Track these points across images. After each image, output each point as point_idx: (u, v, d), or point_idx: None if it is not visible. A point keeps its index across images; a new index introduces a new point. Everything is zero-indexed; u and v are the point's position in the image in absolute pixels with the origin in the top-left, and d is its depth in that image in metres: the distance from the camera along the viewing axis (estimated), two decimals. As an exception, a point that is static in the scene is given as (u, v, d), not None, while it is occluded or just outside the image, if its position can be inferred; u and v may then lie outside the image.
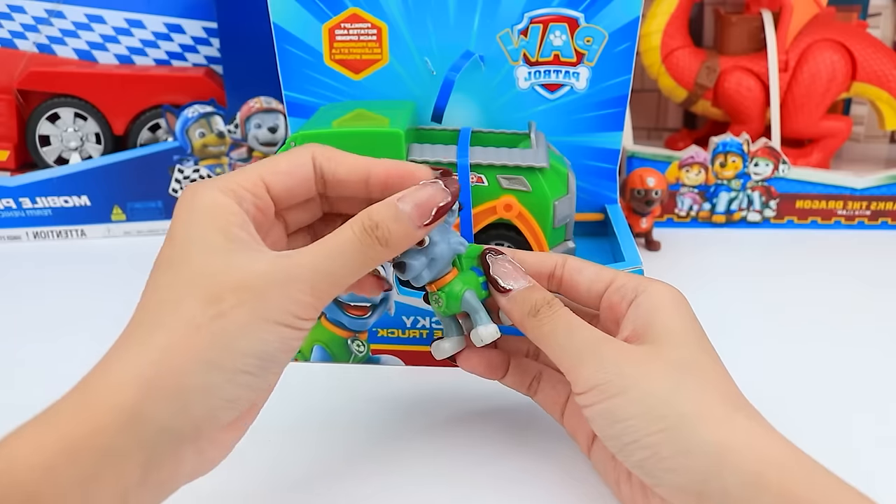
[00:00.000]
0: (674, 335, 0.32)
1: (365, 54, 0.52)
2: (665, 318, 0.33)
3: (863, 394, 0.44)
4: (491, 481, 0.36)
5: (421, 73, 0.53)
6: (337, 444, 0.39)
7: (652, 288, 0.34)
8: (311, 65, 0.53)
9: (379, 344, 0.46)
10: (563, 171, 0.48)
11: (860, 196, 0.69)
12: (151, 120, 0.73)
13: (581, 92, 0.53)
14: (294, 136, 0.44)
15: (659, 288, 0.34)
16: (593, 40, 0.51)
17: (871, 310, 0.54)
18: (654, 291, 0.34)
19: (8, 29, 0.70)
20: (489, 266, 0.35)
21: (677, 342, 0.32)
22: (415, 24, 0.51)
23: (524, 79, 0.53)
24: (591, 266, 0.37)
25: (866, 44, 0.71)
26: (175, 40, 0.73)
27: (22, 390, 0.43)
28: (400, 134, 0.44)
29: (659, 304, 0.34)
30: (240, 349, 0.27)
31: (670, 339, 0.32)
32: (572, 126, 0.54)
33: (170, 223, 0.30)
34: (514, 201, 0.45)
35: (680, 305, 0.34)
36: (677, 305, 0.34)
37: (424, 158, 0.45)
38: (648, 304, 0.34)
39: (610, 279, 0.36)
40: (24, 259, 0.66)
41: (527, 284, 0.34)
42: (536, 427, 0.40)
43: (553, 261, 0.37)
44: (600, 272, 0.36)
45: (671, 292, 0.34)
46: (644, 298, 0.34)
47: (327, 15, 0.51)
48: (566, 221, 0.48)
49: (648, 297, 0.34)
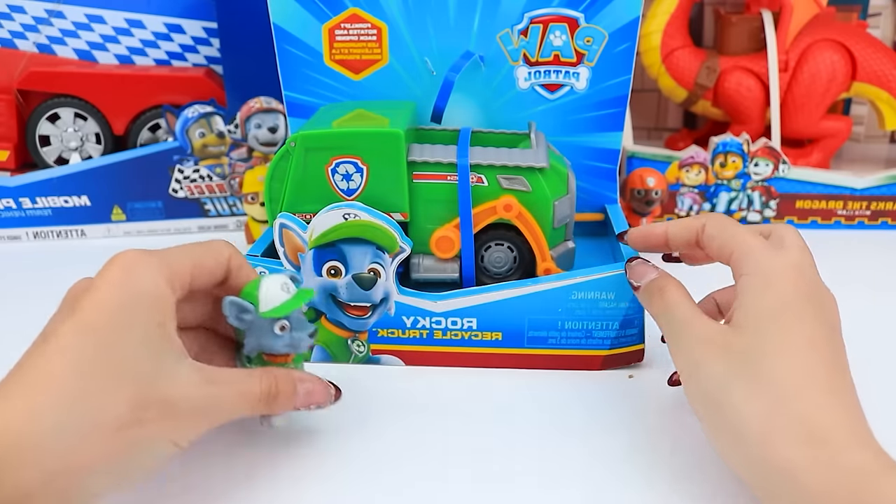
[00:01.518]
0: (750, 319, 0.34)
1: (365, 54, 0.52)
2: (750, 300, 0.34)
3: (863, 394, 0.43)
4: (491, 481, 0.36)
5: (421, 74, 0.53)
6: (336, 444, 0.39)
7: (752, 268, 0.35)
8: (311, 65, 0.53)
9: (379, 344, 0.46)
10: (563, 171, 0.48)
11: (860, 196, 0.69)
12: (151, 120, 0.73)
13: (581, 92, 0.53)
14: (294, 136, 0.45)
15: (760, 267, 0.35)
16: (593, 40, 0.51)
17: (872, 310, 0.54)
18: (753, 272, 0.35)
19: (8, 29, 0.70)
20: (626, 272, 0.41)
21: (749, 327, 0.33)
22: (415, 25, 0.51)
23: (524, 79, 0.53)
24: (720, 235, 0.37)
25: (866, 44, 0.71)
26: (175, 40, 0.73)
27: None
28: (399, 134, 0.44)
29: (749, 285, 0.34)
30: (142, 464, 0.29)
31: (743, 324, 0.34)
32: (572, 126, 0.54)
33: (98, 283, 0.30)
34: (513, 201, 0.45)
35: (776, 284, 0.34)
36: (771, 285, 0.34)
37: (424, 159, 0.45)
38: (742, 286, 0.35)
39: (729, 253, 0.36)
40: (24, 259, 0.66)
41: (653, 277, 0.39)
42: (536, 426, 0.40)
43: (695, 229, 0.39)
44: (724, 244, 0.37)
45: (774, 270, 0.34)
46: (744, 280, 0.35)
47: (327, 15, 0.51)
48: (566, 221, 0.48)
49: (747, 280, 0.35)
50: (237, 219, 0.72)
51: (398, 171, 0.45)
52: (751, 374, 0.32)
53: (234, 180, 0.70)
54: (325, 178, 0.45)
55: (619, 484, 0.36)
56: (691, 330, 0.35)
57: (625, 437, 0.39)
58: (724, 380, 0.33)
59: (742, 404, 0.32)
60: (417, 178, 0.46)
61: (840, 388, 0.32)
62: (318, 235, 0.43)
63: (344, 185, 0.45)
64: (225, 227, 0.72)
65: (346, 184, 0.45)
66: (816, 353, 0.32)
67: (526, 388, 0.44)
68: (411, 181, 0.46)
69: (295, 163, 0.45)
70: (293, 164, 0.45)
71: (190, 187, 0.70)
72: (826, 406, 0.31)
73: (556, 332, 0.45)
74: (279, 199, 0.46)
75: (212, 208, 0.72)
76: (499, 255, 0.47)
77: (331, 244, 0.44)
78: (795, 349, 0.32)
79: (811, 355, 0.32)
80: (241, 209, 0.72)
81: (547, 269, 0.46)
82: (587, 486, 0.36)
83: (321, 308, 0.45)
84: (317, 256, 0.44)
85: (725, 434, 0.33)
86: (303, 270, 0.44)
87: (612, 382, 0.45)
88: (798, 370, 0.32)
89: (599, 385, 0.44)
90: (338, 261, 0.44)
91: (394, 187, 0.45)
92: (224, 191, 0.71)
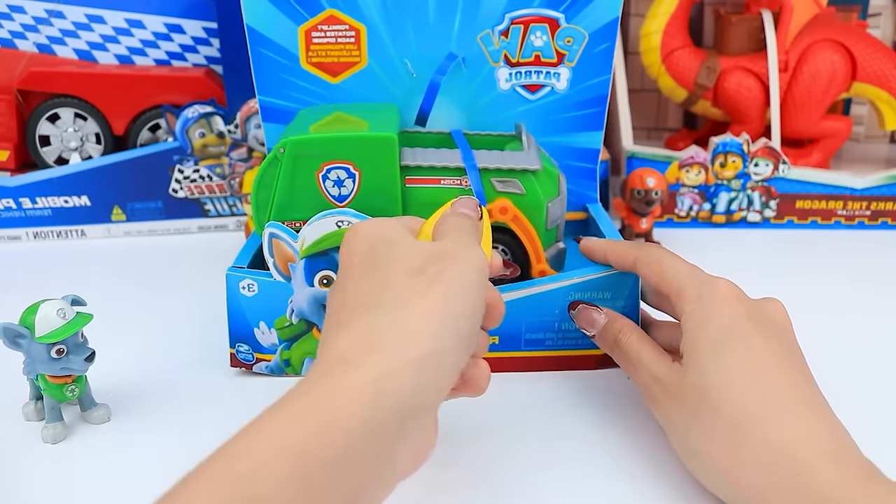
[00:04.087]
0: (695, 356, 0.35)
1: (343, 57, 0.51)
2: (692, 337, 0.35)
3: (863, 394, 0.44)
4: (491, 480, 0.36)
5: (401, 76, 0.52)
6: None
7: (690, 309, 0.36)
8: (286, 68, 0.51)
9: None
10: (555, 172, 0.48)
11: (860, 196, 0.69)
12: (151, 120, 0.73)
13: (562, 92, 0.53)
14: (284, 142, 0.43)
15: (695, 308, 0.36)
16: (574, 40, 0.51)
17: (872, 310, 0.54)
18: (691, 312, 0.36)
19: (8, 29, 0.70)
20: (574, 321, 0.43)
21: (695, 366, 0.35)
22: (394, 26, 0.51)
23: (505, 80, 0.52)
24: (656, 273, 0.39)
25: (866, 44, 0.71)
26: (175, 40, 0.73)
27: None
28: (393, 138, 0.44)
29: (690, 324, 0.36)
30: (456, 311, 0.30)
31: (690, 363, 0.35)
32: (553, 126, 0.54)
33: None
34: (509, 204, 0.45)
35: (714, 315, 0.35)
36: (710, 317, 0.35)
37: (417, 163, 0.45)
38: (684, 323, 0.36)
39: (667, 292, 0.38)
40: (24, 259, 0.66)
41: (602, 324, 0.41)
42: (537, 425, 0.40)
43: (630, 260, 0.41)
44: (661, 284, 0.39)
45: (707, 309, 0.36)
46: (684, 320, 0.36)
47: (303, 17, 0.50)
48: (558, 223, 0.48)
49: (687, 318, 0.36)
50: (237, 219, 0.72)
51: (391, 175, 0.44)
52: (705, 415, 0.33)
53: (234, 180, 0.70)
54: (316, 184, 0.44)
55: (619, 484, 0.36)
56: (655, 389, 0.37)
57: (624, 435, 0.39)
58: (685, 429, 0.34)
59: (703, 447, 0.33)
60: (410, 182, 0.45)
61: (801, 396, 0.33)
62: (311, 244, 0.43)
63: (335, 191, 0.44)
64: (225, 228, 0.72)
65: (338, 190, 0.44)
66: (769, 369, 0.33)
67: (524, 391, 0.44)
68: (404, 186, 0.45)
69: (284, 169, 0.44)
70: (282, 171, 0.44)
71: (190, 187, 0.71)
72: (787, 422, 0.32)
73: (553, 334, 0.45)
74: (267, 206, 0.45)
75: (212, 208, 0.72)
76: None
77: (323, 253, 0.43)
78: (744, 373, 0.33)
79: (763, 373, 0.33)
80: (241, 209, 0.72)
81: (541, 271, 0.46)
82: (587, 486, 0.36)
83: (312, 319, 0.44)
84: (308, 266, 0.43)
85: (699, 475, 0.34)
86: (294, 280, 0.44)
87: (611, 381, 0.45)
88: (751, 395, 0.32)
89: (596, 384, 0.44)
90: (331, 270, 0.43)
91: (387, 192, 0.44)
92: (224, 191, 0.71)
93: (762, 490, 0.31)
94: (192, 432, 0.41)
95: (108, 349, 0.43)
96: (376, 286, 0.30)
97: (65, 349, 0.39)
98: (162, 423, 0.42)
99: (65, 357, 0.39)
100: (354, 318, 0.29)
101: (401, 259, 0.31)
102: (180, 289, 0.58)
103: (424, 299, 0.29)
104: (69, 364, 0.39)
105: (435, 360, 0.28)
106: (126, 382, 0.45)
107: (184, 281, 0.60)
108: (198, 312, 0.53)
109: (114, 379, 0.45)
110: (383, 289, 0.30)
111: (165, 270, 0.63)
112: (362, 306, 0.30)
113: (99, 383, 0.43)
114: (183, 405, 0.43)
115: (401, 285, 0.30)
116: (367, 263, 0.32)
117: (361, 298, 0.30)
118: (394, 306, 0.29)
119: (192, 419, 0.42)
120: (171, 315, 0.54)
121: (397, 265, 0.31)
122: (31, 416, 0.42)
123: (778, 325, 0.36)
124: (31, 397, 0.42)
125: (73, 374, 0.40)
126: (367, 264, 0.32)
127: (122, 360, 0.47)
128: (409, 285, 0.30)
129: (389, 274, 0.30)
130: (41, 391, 0.40)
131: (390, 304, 0.29)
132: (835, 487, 0.29)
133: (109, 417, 0.42)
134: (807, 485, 0.29)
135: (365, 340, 0.28)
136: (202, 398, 0.44)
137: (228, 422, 0.41)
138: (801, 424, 0.31)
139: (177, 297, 0.57)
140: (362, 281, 0.31)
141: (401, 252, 0.31)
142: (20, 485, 0.37)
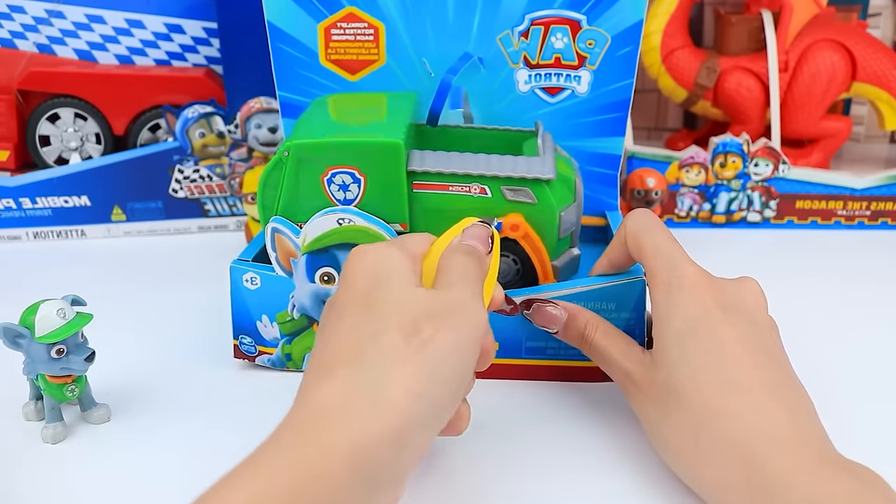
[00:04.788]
0: (663, 349, 0.35)
1: (361, 54, 0.51)
2: (661, 328, 0.36)
3: (863, 394, 0.44)
4: (492, 480, 0.36)
5: (419, 75, 0.52)
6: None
7: (659, 298, 0.36)
8: (306, 65, 0.52)
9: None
10: (570, 178, 0.46)
11: (860, 196, 0.69)
12: (151, 120, 0.73)
13: (582, 96, 0.52)
14: (287, 146, 0.42)
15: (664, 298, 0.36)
16: (595, 43, 0.50)
17: (872, 310, 0.54)
18: (660, 302, 0.36)
19: (8, 29, 0.70)
20: (532, 321, 0.42)
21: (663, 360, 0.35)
22: (413, 25, 0.51)
23: (524, 82, 0.52)
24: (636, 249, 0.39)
25: (866, 44, 0.71)
26: (175, 40, 0.73)
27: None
28: (399, 145, 0.42)
29: (659, 312, 0.36)
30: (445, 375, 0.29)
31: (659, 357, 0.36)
32: (573, 130, 0.53)
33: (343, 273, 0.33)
34: (521, 221, 0.43)
35: (682, 305, 0.35)
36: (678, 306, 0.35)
37: (425, 168, 0.43)
38: (655, 312, 0.37)
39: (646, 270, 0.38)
40: (24, 259, 0.66)
41: (563, 320, 0.41)
42: (536, 424, 0.40)
43: (622, 235, 0.40)
44: (641, 261, 0.39)
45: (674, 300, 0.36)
46: (654, 309, 0.37)
47: (323, 14, 0.50)
48: (572, 230, 0.46)
49: (656, 308, 0.36)
50: (237, 219, 0.72)
51: (398, 181, 0.42)
52: (673, 409, 0.33)
53: (234, 180, 0.70)
54: (321, 188, 0.43)
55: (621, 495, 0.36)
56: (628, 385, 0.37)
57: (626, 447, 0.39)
58: (657, 422, 0.35)
59: (673, 440, 0.34)
60: (417, 187, 0.43)
61: (762, 383, 0.32)
62: (312, 241, 0.43)
63: (341, 195, 0.43)
64: (225, 228, 0.72)
65: (343, 194, 0.43)
66: (732, 358, 0.33)
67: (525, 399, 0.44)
68: (411, 191, 0.43)
69: (288, 173, 0.43)
70: (286, 174, 0.43)
71: (190, 187, 0.71)
72: (743, 414, 0.32)
73: (555, 343, 0.44)
74: (273, 206, 0.44)
75: (212, 208, 0.72)
76: (502, 266, 0.45)
77: (324, 250, 0.43)
78: (707, 366, 0.33)
79: (725, 365, 0.33)
80: (241, 209, 0.72)
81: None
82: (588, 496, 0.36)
83: (313, 315, 0.44)
84: (310, 262, 0.43)
85: (672, 468, 0.35)
86: (295, 276, 0.44)
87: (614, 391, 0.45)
88: (710, 388, 0.33)
89: (600, 396, 0.44)
90: (331, 267, 0.43)
91: (393, 197, 0.43)
92: (224, 191, 0.71)
93: (720, 483, 0.31)
94: (192, 432, 0.41)
95: (108, 349, 0.43)
96: (366, 332, 0.30)
97: (65, 349, 0.39)
98: (162, 423, 0.42)
99: (65, 357, 0.39)
100: (338, 369, 0.29)
101: (396, 308, 0.30)
102: (180, 289, 0.58)
103: (412, 363, 0.28)
104: (69, 364, 0.39)
105: (413, 434, 0.28)
106: (126, 382, 0.45)
107: (184, 281, 0.60)
108: (198, 313, 0.53)
109: (114, 379, 0.45)
110: (372, 338, 0.29)
111: (165, 270, 0.63)
112: (348, 357, 0.29)
113: (99, 383, 0.43)
114: (183, 405, 0.43)
115: (390, 342, 0.29)
116: (363, 303, 0.31)
117: (350, 345, 0.30)
118: (379, 367, 0.28)
119: (192, 419, 0.42)
120: (171, 315, 0.54)
121: (392, 316, 0.30)
122: (31, 416, 0.42)
123: (749, 306, 0.35)
124: (31, 397, 0.42)
125: (73, 374, 0.40)
126: (363, 304, 0.31)
127: (122, 360, 0.47)
128: (399, 344, 0.29)
129: (383, 322, 0.30)
130: (41, 391, 0.40)
131: (376, 362, 0.28)
132: (787, 476, 0.29)
133: (109, 417, 0.42)
134: (759, 476, 0.30)
135: (346, 399, 0.28)
136: (202, 398, 0.44)
137: (228, 422, 0.41)
138: (758, 415, 0.31)
139: (177, 297, 0.57)
140: (355, 322, 0.30)
141: (397, 299, 0.31)
142: (20, 485, 0.37)
